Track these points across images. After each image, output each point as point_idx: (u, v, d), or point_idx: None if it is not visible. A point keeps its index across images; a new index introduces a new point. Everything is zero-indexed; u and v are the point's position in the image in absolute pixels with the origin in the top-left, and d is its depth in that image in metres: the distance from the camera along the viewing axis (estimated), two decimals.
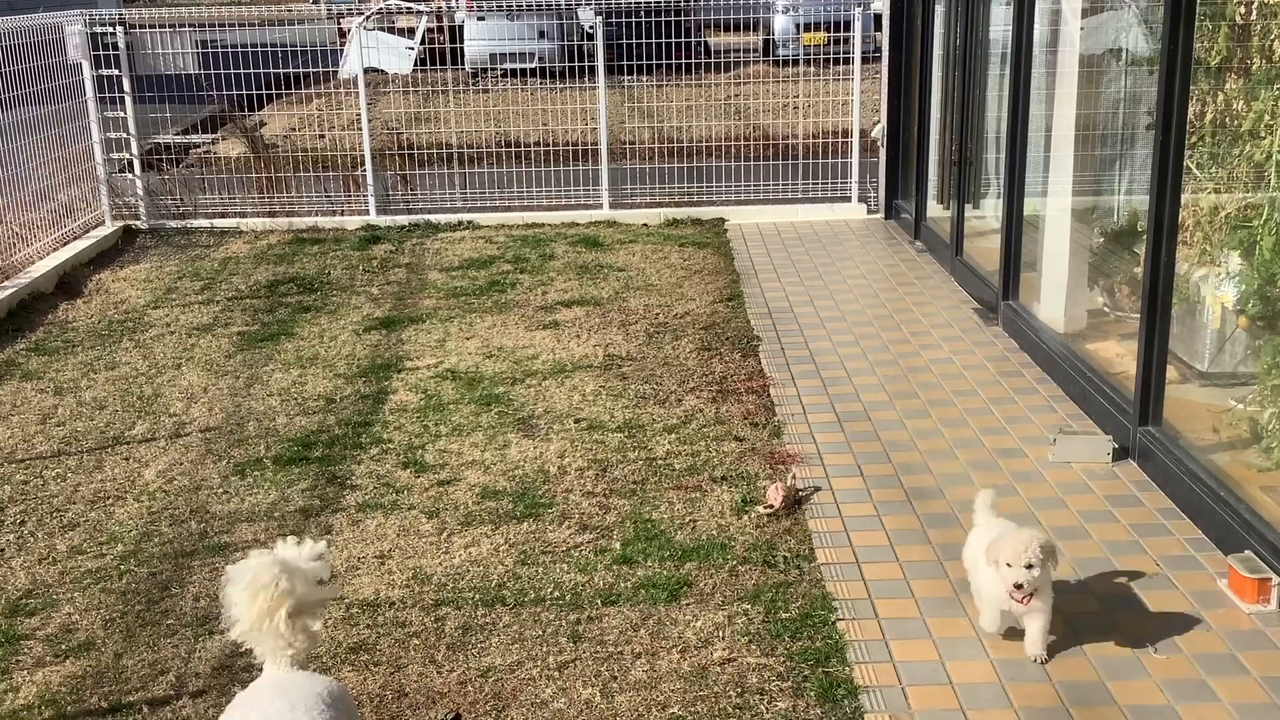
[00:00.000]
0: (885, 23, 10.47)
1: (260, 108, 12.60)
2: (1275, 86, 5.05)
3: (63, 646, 4.26)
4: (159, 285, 8.93)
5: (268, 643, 2.93)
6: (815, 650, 4.09)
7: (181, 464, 5.75)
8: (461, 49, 15.57)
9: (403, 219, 10.80)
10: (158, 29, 11.99)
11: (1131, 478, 5.34)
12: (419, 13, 16.56)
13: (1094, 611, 4.30)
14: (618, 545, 4.84)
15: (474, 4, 15.49)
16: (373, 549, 4.88)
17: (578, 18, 15.35)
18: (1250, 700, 3.79)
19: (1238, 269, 5.30)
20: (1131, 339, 5.72)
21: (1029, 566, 3.88)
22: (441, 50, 14.45)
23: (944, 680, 3.93)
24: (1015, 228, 7.38)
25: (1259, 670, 3.94)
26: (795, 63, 12.94)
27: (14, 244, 9.16)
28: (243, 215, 10.90)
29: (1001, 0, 7.81)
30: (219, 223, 10.77)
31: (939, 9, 9.35)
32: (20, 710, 3.90)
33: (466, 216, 10.83)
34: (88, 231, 10.29)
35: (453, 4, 17.61)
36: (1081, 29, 6.87)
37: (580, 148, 11.54)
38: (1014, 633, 4.12)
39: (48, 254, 9.47)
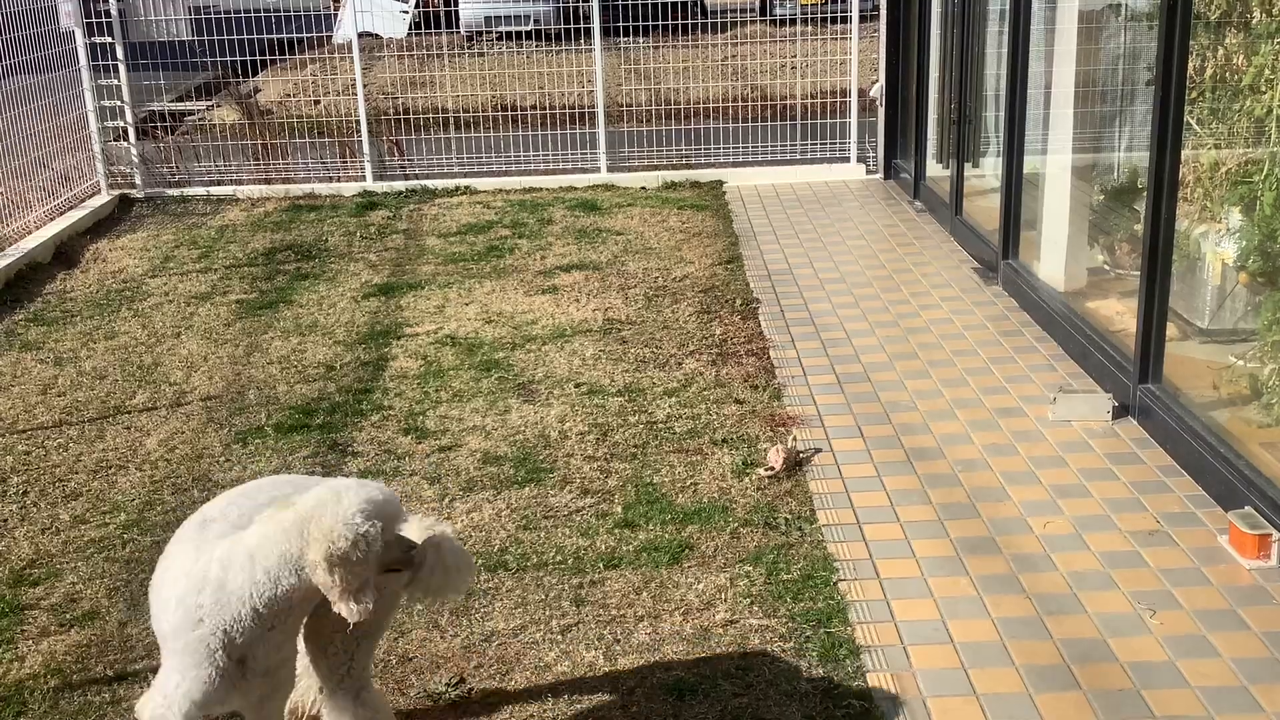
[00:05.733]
0: None
1: (254, 74, 12.53)
2: (1276, 40, 5.01)
3: (67, 616, 4.28)
4: (156, 254, 8.91)
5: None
6: (817, 611, 4.11)
7: (183, 433, 5.76)
8: (456, 12, 15.46)
9: (400, 184, 10.75)
10: None
11: (1131, 435, 5.35)
12: None
13: (1095, 569, 4.31)
14: (619, 509, 4.85)
15: None
16: None
17: None
18: (1251, 655, 3.80)
19: (1238, 225, 5.28)
20: (1131, 296, 5.70)
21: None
22: (436, 13, 14.36)
23: (945, 639, 3.95)
24: (1015, 186, 7.34)
25: (1259, 625, 3.95)
26: (793, 22, 12.85)
27: (10, 214, 9.13)
28: (239, 183, 10.86)
29: None
30: (215, 190, 10.73)
31: None
32: (26, 679, 3.92)
33: (463, 181, 10.79)
34: (84, 201, 10.26)
35: None
36: None
37: (577, 111, 11.49)
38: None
39: (44, 224, 9.44)
